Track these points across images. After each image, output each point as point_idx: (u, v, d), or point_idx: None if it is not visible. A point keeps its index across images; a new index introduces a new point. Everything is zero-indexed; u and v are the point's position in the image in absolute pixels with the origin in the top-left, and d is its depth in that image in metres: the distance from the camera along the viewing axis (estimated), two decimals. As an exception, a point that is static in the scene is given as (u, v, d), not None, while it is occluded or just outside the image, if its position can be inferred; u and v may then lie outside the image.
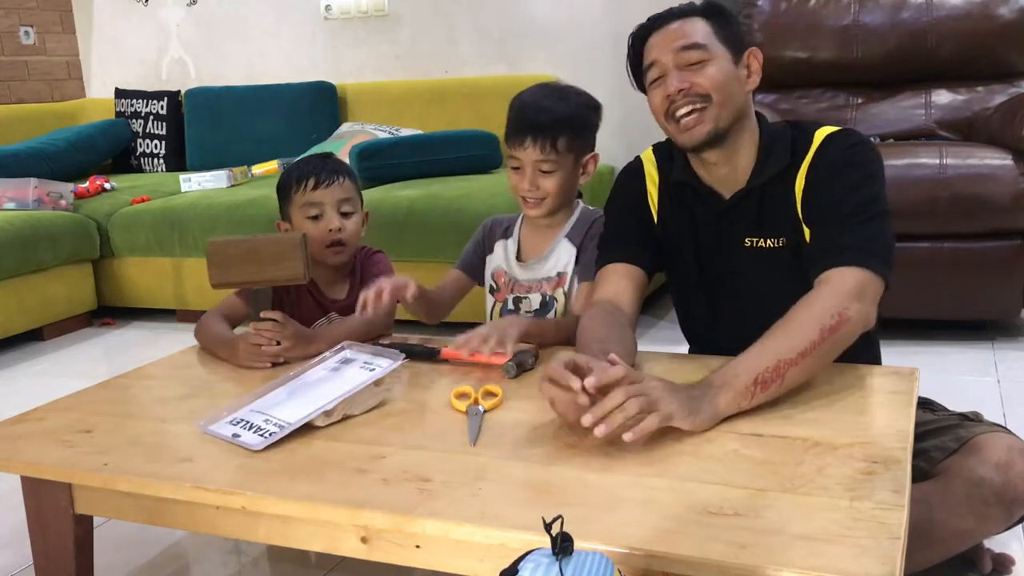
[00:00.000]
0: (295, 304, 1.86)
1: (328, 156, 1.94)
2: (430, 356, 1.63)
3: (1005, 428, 1.46)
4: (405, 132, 3.87)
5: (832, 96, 3.33)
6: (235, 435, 1.29)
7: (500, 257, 1.89)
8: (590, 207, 1.87)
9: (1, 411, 1.58)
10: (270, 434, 1.28)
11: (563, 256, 1.81)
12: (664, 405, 1.17)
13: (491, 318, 1.88)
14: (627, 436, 1.14)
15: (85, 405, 1.51)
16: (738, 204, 1.53)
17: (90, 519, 1.41)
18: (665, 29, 1.49)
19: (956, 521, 1.36)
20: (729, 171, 1.53)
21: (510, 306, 1.85)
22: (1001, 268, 2.70)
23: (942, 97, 3.19)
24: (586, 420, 1.15)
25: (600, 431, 1.14)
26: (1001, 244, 2.69)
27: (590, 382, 1.17)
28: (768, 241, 1.52)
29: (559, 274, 1.81)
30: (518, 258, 1.87)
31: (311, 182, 1.84)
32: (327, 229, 1.83)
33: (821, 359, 1.29)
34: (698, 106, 1.45)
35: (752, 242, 1.53)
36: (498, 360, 1.54)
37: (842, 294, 1.32)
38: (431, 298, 1.82)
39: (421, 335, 1.75)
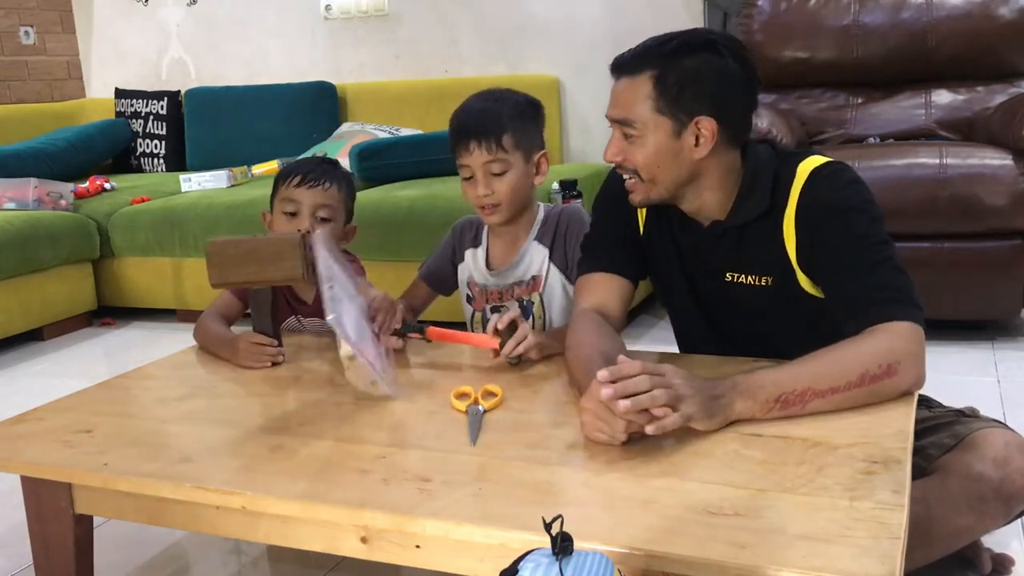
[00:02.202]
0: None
1: (328, 161, 1.93)
2: (418, 331, 1.64)
3: (1002, 423, 1.46)
4: (405, 132, 3.87)
5: (832, 96, 3.33)
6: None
7: (471, 266, 1.88)
8: (551, 204, 1.86)
9: (1, 411, 1.58)
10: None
11: (536, 259, 1.79)
12: (686, 406, 1.16)
13: (471, 326, 1.89)
14: (649, 429, 1.13)
15: (85, 405, 1.51)
16: (716, 237, 1.49)
17: (90, 519, 1.41)
18: (617, 83, 1.43)
19: (955, 517, 1.36)
20: (702, 209, 1.48)
21: (488, 315, 1.83)
22: (1001, 268, 2.70)
23: (942, 97, 3.19)
24: (606, 393, 1.13)
25: (624, 405, 1.13)
26: (1001, 244, 2.68)
27: (603, 375, 1.15)
28: (750, 278, 1.48)
29: (533, 277, 1.79)
30: (488, 266, 1.85)
31: (295, 179, 1.85)
32: (296, 230, 1.84)
33: (851, 401, 1.24)
34: (631, 176, 1.45)
35: (733, 276, 1.50)
36: (489, 343, 1.54)
37: (898, 349, 1.26)
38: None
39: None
